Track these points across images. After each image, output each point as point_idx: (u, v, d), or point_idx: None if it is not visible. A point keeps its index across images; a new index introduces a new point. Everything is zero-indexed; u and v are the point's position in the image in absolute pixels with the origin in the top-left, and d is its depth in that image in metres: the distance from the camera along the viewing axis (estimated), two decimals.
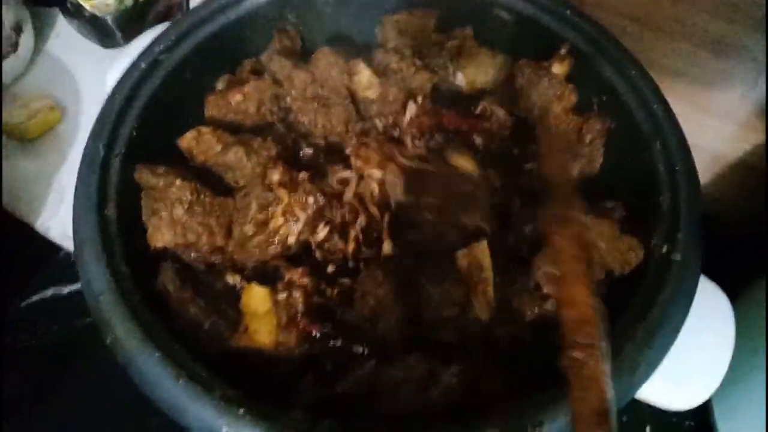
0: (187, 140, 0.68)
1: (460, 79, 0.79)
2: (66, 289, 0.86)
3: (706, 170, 0.92)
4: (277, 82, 0.76)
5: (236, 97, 0.72)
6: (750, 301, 0.75)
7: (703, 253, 0.58)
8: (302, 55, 0.80)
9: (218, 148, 0.67)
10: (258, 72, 0.77)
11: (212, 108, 0.73)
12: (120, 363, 0.52)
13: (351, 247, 0.65)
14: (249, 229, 0.65)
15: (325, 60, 0.74)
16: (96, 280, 0.55)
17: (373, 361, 0.58)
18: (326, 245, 0.66)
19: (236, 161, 0.67)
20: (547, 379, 0.50)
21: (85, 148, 0.62)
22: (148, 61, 0.69)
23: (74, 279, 0.85)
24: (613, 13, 0.81)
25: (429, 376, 0.56)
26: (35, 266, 0.88)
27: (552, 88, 0.73)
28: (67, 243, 0.88)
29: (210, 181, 0.68)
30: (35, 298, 0.85)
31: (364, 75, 0.76)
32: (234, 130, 0.71)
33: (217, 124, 0.72)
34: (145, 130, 0.66)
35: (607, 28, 0.74)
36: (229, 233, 0.66)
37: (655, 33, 0.80)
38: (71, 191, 0.61)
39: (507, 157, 0.73)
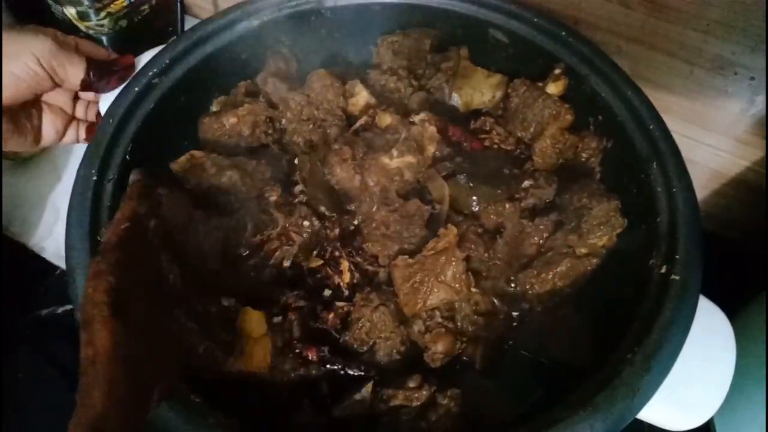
0: (180, 164, 0.68)
1: (456, 100, 0.79)
2: (61, 309, 0.86)
3: (704, 187, 0.92)
4: (271, 104, 0.76)
5: (231, 120, 0.72)
6: (750, 317, 0.74)
7: (702, 273, 0.58)
8: (298, 76, 0.80)
9: (212, 171, 0.67)
10: (253, 94, 0.77)
11: (206, 130, 0.73)
12: None
13: (346, 278, 0.65)
14: (243, 251, 0.65)
15: (321, 82, 0.74)
16: None
17: (370, 383, 0.57)
18: (318, 275, 0.65)
19: (231, 185, 0.67)
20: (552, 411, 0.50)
21: (77, 174, 0.62)
22: (142, 85, 0.69)
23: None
24: (608, 33, 0.81)
25: (428, 401, 0.56)
26: (30, 286, 0.88)
27: (547, 107, 0.73)
28: (63, 262, 0.88)
29: (204, 203, 0.67)
30: (31, 317, 0.85)
31: (361, 96, 0.76)
32: (228, 152, 0.71)
33: (211, 147, 0.72)
34: (138, 153, 0.66)
35: (602, 47, 0.74)
36: (223, 255, 0.66)
37: (650, 52, 0.80)
38: (66, 211, 0.61)
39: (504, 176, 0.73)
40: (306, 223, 0.64)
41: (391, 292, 0.64)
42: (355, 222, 0.68)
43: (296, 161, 0.70)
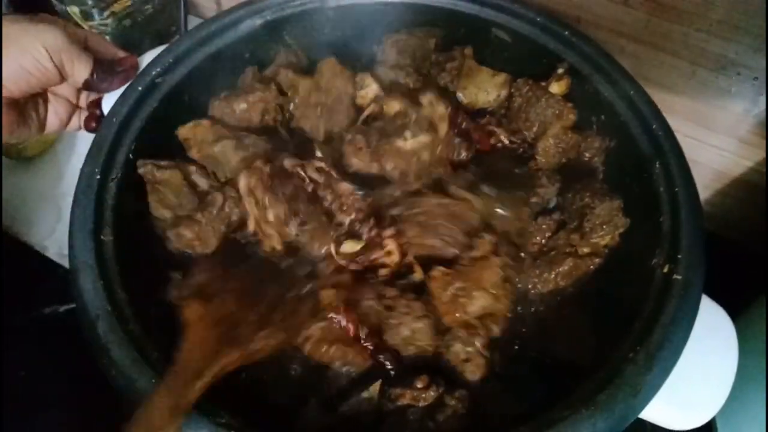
0: (185, 130, 0.69)
1: (461, 99, 0.79)
2: (63, 308, 0.86)
3: (707, 187, 0.92)
4: (282, 92, 0.76)
5: (241, 106, 0.72)
6: (752, 318, 0.74)
7: (705, 273, 0.58)
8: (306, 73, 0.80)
9: (210, 138, 0.67)
10: (262, 81, 0.77)
11: (215, 112, 0.73)
12: (116, 388, 0.51)
13: (395, 258, 0.63)
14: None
15: (331, 70, 0.74)
16: (92, 305, 0.54)
17: (378, 382, 0.57)
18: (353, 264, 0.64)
19: (221, 154, 0.67)
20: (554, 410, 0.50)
21: (81, 173, 0.62)
22: (145, 84, 0.69)
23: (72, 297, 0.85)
24: (610, 33, 0.82)
25: (436, 402, 0.56)
26: (33, 284, 0.88)
27: (550, 107, 0.73)
28: (65, 261, 0.88)
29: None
30: (33, 315, 0.85)
31: (371, 89, 0.75)
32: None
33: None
34: (142, 153, 0.66)
35: (605, 47, 0.74)
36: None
37: (652, 52, 0.80)
38: (68, 210, 0.61)
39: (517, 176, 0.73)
40: (270, 217, 0.63)
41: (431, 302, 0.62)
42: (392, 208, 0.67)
43: (317, 152, 0.69)
